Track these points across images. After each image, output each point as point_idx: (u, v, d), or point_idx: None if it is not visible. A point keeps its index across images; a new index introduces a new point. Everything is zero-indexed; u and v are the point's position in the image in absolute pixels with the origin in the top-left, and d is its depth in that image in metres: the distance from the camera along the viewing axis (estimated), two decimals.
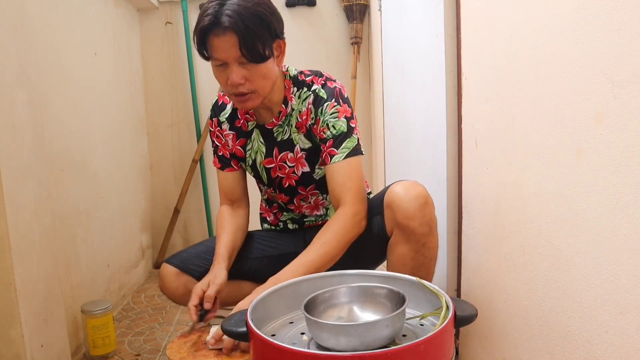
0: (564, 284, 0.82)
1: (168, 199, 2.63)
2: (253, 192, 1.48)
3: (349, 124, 1.24)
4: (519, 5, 0.92)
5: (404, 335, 0.85)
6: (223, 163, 1.39)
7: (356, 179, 1.22)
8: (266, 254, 1.42)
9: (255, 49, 1.12)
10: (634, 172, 0.64)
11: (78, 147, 1.73)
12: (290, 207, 1.41)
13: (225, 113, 1.37)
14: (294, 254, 1.41)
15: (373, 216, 1.26)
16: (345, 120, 1.24)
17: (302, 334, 0.89)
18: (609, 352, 0.71)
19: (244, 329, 0.83)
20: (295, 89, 1.29)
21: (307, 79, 1.29)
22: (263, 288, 1.05)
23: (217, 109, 1.38)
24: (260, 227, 1.54)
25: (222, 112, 1.37)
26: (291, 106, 1.28)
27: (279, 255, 1.42)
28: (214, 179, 2.61)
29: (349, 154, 1.22)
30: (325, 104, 1.24)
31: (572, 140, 0.77)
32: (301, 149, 1.31)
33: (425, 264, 1.19)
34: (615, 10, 0.65)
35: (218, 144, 1.39)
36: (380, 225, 1.23)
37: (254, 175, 1.40)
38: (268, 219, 1.51)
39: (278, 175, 1.35)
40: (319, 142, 1.27)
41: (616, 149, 0.67)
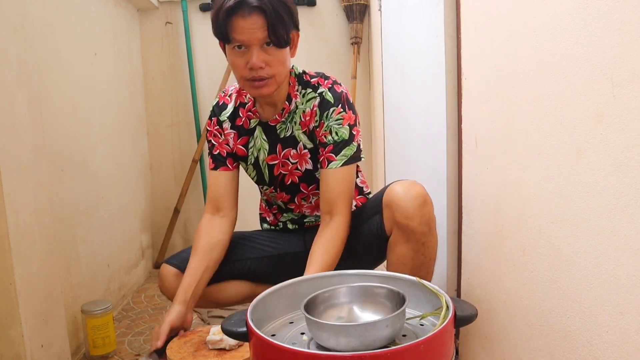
0: (564, 284, 0.82)
1: (168, 199, 2.63)
2: (253, 191, 1.47)
3: (351, 132, 1.26)
4: (519, 5, 0.92)
5: (404, 335, 0.85)
6: (217, 162, 1.36)
7: (349, 189, 1.26)
8: (265, 254, 1.42)
9: (280, 32, 1.14)
10: (634, 172, 0.64)
11: (78, 147, 1.73)
12: (291, 206, 1.41)
13: (227, 112, 1.36)
14: (294, 254, 1.41)
15: (372, 216, 1.26)
16: (348, 127, 1.25)
17: (302, 334, 0.89)
18: (609, 352, 0.71)
19: (244, 329, 0.83)
20: (300, 87, 1.29)
21: (312, 80, 1.29)
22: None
23: (217, 109, 1.38)
24: (260, 227, 1.54)
25: (223, 112, 1.37)
26: (295, 104, 1.28)
27: (279, 255, 1.42)
28: None
29: (346, 162, 1.25)
30: (331, 109, 1.25)
31: (572, 140, 0.77)
32: (304, 147, 1.31)
33: (425, 264, 1.20)
34: (615, 10, 0.65)
35: (215, 142, 1.38)
36: (380, 224, 1.23)
37: (256, 174, 1.39)
38: (268, 219, 1.51)
39: (281, 172, 1.35)
40: (319, 144, 1.28)
41: (616, 149, 0.66)
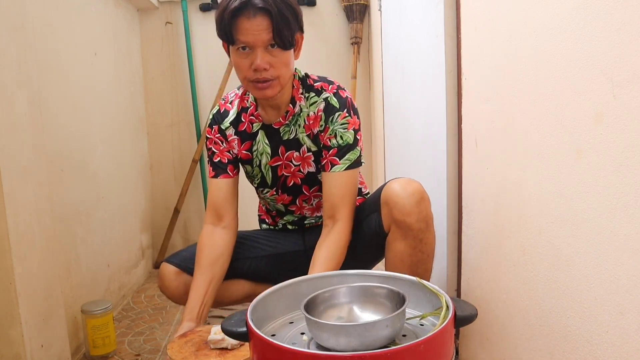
0: (564, 284, 0.82)
1: (168, 199, 2.63)
2: (253, 192, 1.47)
3: (355, 137, 1.26)
4: (519, 5, 0.92)
5: (404, 335, 0.85)
6: (218, 169, 1.34)
7: (353, 193, 1.27)
8: (265, 254, 1.42)
9: (285, 34, 1.14)
10: (634, 172, 0.64)
11: (78, 147, 1.73)
12: (292, 208, 1.41)
13: (229, 118, 1.34)
14: (293, 253, 1.41)
15: (370, 214, 1.27)
16: (353, 132, 1.26)
17: (302, 334, 0.89)
18: (609, 352, 0.71)
19: (244, 328, 0.83)
20: (304, 90, 1.29)
21: (315, 84, 1.29)
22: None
23: (218, 117, 1.36)
24: (259, 226, 1.54)
25: (226, 119, 1.35)
26: (299, 106, 1.28)
27: (278, 254, 1.42)
28: None
29: (350, 166, 1.26)
30: (336, 114, 1.26)
31: (572, 140, 0.77)
32: (308, 150, 1.31)
33: (423, 260, 1.20)
34: (615, 10, 0.65)
35: (215, 150, 1.35)
36: (378, 222, 1.23)
37: (260, 177, 1.38)
38: (267, 220, 1.51)
39: (283, 174, 1.34)
40: (322, 147, 1.28)
41: (616, 149, 0.66)
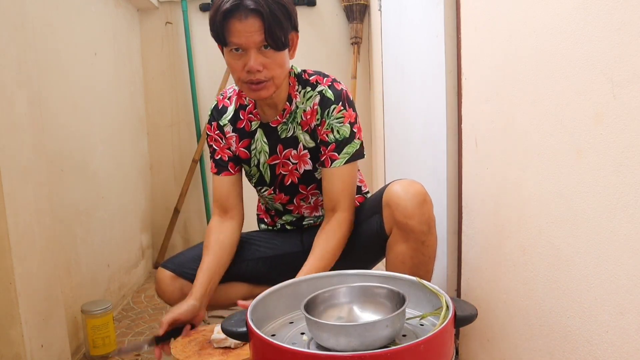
0: (564, 284, 0.82)
1: (168, 199, 2.63)
2: (252, 192, 1.47)
3: (352, 129, 1.26)
4: (519, 5, 0.92)
5: (404, 335, 0.85)
6: (219, 167, 1.36)
7: (352, 186, 1.28)
8: (263, 255, 1.42)
9: (278, 35, 1.13)
10: (634, 172, 0.64)
11: (78, 147, 1.73)
12: (290, 207, 1.41)
13: (227, 116, 1.35)
14: (291, 254, 1.41)
15: (372, 215, 1.26)
16: (349, 125, 1.25)
17: (302, 334, 0.89)
18: (609, 352, 0.71)
19: (244, 328, 0.83)
20: (300, 87, 1.29)
21: (310, 78, 1.29)
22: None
23: (216, 113, 1.37)
24: (257, 228, 1.54)
25: (224, 116, 1.35)
26: (295, 104, 1.28)
27: (276, 255, 1.42)
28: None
29: (349, 160, 1.26)
30: (332, 107, 1.25)
31: (572, 140, 0.77)
32: (305, 147, 1.31)
33: (424, 262, 1.20)
34: (615, 10, 0.65)
35: (216, 147, 1.37)
36: (379, 224, 1.23)
37: (258, 175, 1.38)
38: (265, 220, 1.51)
39: (281, 172, 1.34)
40: (320, 143, 1.28)
41: (616, 149, 0.66)
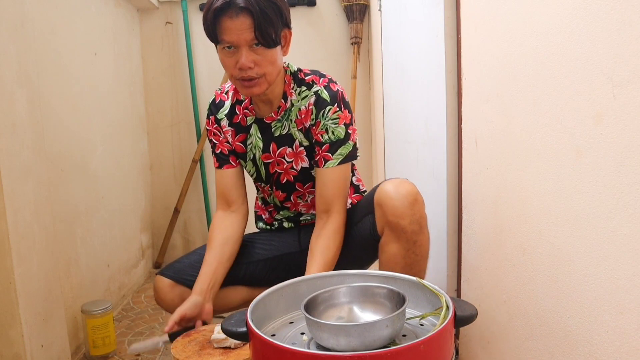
0: (564, 284, 0.82)
1: (168, 199, 2.63)
2: (250, 189, 1.47)
3: (346, 131, 1.26)
4: (519, 5, 0.92)
5: (404, 335, 0.85)
6: (221, 160, 1.38)
7: (345, 187, 1.29)
8: (261, 258, 1.42)
9: (268, 32, 1.13)
10: (634, 172, 0.64)
11: (78, 147, 1.73)
12: (287, 204, 1.41)
13: (224, 110, 1.36)
14: (289, 255, 1.42)
15: (365, 216, 1.27)
16: (344, 126, 1.26)
17: (302, 334, 0.89)
18: (609, 352, 0.71)
19: (244, 329, 0.83)
20: (295, 85, 1.29)
21: (307, 77, 1.29)
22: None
23: (214, 107, 1.38)
24: (255, 225, 1.54)
25: (221, 110, 1.36)
26: (290, 101, 1.28)
27: (274, 257, 1.42)
28: (213, 179, 2.59)
29: (342, 161, 1.26)
30: (327, 108, 1.25)
31: (572, 140, 0.77)
32: (300, 145, 1.31)
33: (417, 262, 1.20)
34: (615, 10, 0.65)
35: (216, 141, 1.38)
36: (372, 224, 1.24)
37: (255, 171, 1.39)
38: (263, 217, 1.51)
39: (276, 171, 1.35)
40: (315, 143, 1.28)
41: (616, 149, 0.66)
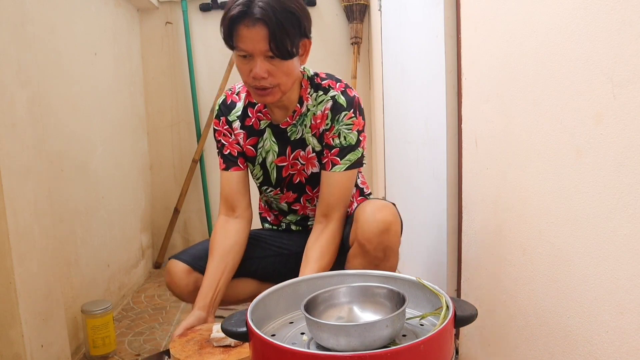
0: (564, 284, 0.82)
1: (168, 199, 2.63)
2: (254, 190, 1.47)
3: (358, 137, 1.26)
4: (519, 5, 0.92)
5: (404, 335, 0.85)
6: (228, 162, 1.35)
7: (348, 194, 1.29)
8: (273, 253, 1.42)
9: (284, 44, 1.11)
10: (634, 172, 0.64)
11: (78, 147, 1.73)
12: (295, 207, 1.41)
13: (237, 111, 1.34)
14: (299, 255, 1.42)
15: (348, 224, 1.29)
16: (356, 133, 1.26)
17: (302, 334, 0.89)
18: (609, 352, 0.71)
19: (244, 328, 0.83)
20: (312, 90, 1.28)
21: (323, 82, 1.28)
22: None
23: (225, 109, 1.35)
24: (261, 225, 1.54)
25: (233, 111, 1.34)
26: (306, 106, 1.28)
27: (284, 254, 1.43)
28: (213, 179, 2.61)
29: (350, 167, 1.26)
30: (343, 113, 1.25)
31: (572, 140, 0.77)
32: (313, 150, 1.31)
33: None
34: (615, 10, 0.65)
35: (224, 142, 1.35)
36: (347, 234, 1.27)
37: (262, 175, 1.37)
38: (268, 218, 1.51)
39: (290, 173, 1.34)
40: (325, 146, 1.28)
41: (616, 149, 0.66)
